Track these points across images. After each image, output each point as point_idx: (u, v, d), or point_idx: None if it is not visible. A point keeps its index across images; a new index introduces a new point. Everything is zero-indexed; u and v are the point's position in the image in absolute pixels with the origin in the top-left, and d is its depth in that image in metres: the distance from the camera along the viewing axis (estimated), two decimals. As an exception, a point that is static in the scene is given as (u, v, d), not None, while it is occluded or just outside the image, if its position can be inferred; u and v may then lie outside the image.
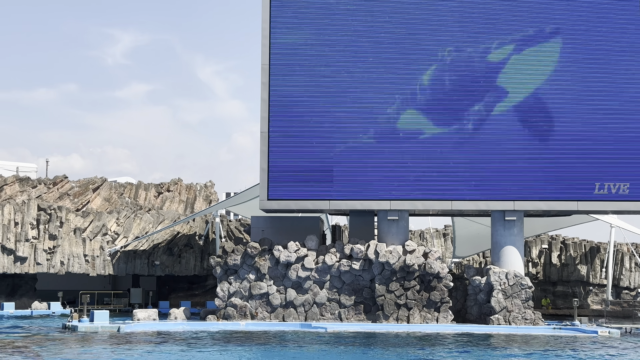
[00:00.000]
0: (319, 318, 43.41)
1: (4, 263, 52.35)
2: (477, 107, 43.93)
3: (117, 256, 56.08)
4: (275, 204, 44.27)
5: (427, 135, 43.95)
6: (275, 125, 44.29)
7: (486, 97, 44.01)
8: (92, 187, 59.18)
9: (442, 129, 43.93)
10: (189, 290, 60.50)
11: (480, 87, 44.05)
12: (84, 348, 31.24)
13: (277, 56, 44.57)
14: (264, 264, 44.00)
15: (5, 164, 67.75)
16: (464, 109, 43.99)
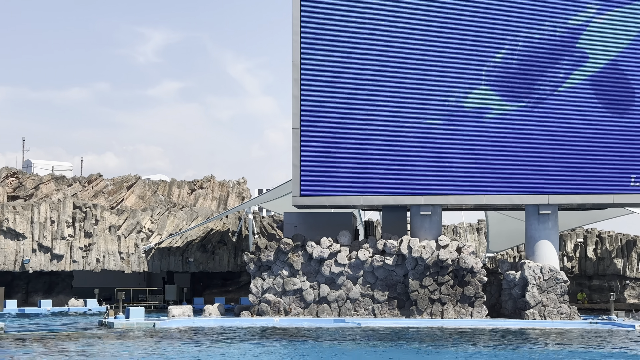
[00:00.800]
0: (353, 314, 43.42)
1: (41, 261, 53.03)
2: (517, 98, 43.57)
3: (152, 253, 56.56)
4: (308, 200, 44.34)
5: (460, 129, 43.70)
6: (306, 121, 44.33)
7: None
8: (126, 185, 59.71)
9: (477, 121, 43.66)
10: (223, 287, 60.88)
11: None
12: (122, 344, 31.55)
13: (308, 52, 44.59)
14: (297, 260, 44.10)
15: (41, 162, 68.58)
16: (500, 99, 43.69)
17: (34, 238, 52.63)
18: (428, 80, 43.95)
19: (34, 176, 58.57)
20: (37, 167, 67.02)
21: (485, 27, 43.86)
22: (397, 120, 43.99)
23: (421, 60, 44.11)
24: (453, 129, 43.75)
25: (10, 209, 52.28)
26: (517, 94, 43.48)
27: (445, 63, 43.93)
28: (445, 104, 43.79)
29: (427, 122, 43.86)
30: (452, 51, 43.99)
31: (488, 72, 43.68)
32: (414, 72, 44.08)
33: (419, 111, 43.94)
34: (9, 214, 51.99)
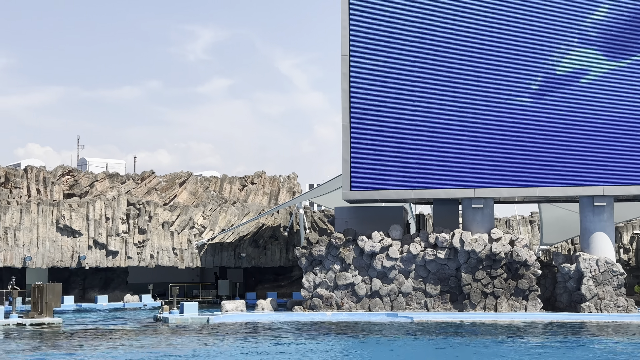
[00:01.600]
0: (405, 308, 43.30)
1: (97, 257, 53.92)
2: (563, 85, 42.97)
3: (204, 249, 57.10)
4: (359, 195, 44.31)
5: (512, 119, 43.22)
6: (356, 115, 44.27)
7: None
8: (178, 181, 60.36)
9: (527, 108, 43.14)
10: (275, 282, 61.20)
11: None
12: (178, 339, 31.94)
13: (357, 45, 44.50)
14: (349, 254, 44.11)
15: (95, 160, 69.71)
16: (542, 87, 43.11)
17: (90, 235, 53.54)
18: (482, 74, 43.53)
19: (88, 174, 59.54)
20: (92, 165, 68.13)
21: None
22: (448, 113, 43.67)
23: (477, 52, 43.68)
24: (505, 120, 43.26)
25: (66, 206, 53.26)
26: (571, 80, 42.84)
27: (504, 56, 43.47)
28: (499, 96, 43.32)
29: (472, 115, 43.46)
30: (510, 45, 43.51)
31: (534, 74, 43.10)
32: (469, 63, 43.68)
33: (472, 103, 43.55)
34: (65, 212, 52.97)
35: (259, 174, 64.24)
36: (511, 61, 43.39)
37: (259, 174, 64.24)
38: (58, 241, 52.84)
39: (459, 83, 43.70)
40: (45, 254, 52.41)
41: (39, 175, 55.99)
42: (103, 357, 26.34)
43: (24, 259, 51.55)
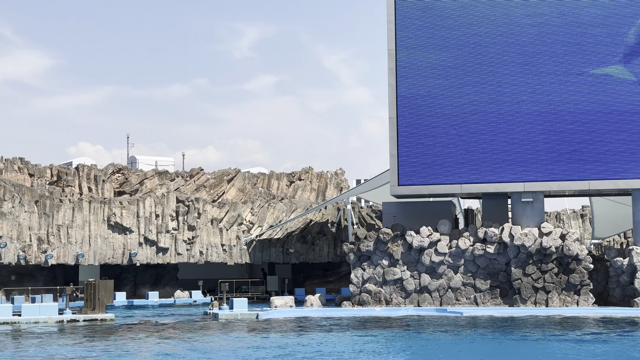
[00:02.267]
0: (455, 303, 43.05)
1: (147, 254, 54.60)
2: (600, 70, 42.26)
3: (253, 245, 57.45)
4: (406, 190, 44.15)
5: (562, 110, 42.65)
6: (403, 110, 44.10)
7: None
8: (226, 178, 60.80)
9: (577, 100, 42.54)
10: (324, 277, 61.31)
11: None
12: (230, 334, 32.20)
13: (403, 40, 44.31)
14: (397, 249, 44.00)
15: (144, 158, 70.58)
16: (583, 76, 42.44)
17: (140, 232, 54.22)
18: (532, 66, 43.03)
19: (138, 172, 60.29)
20: (141, 163, 69.01)
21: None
22: (497, 106, 43.26)
23: (525, 44, 43.18)
24: (554, 112, 42.70)
25: (117, 204, 54.03)
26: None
27: (555, 48, 42.92)
28: (549, 87, 42.79)
29: (527, 107, 42.97)
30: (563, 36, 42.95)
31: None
32: (517, 56, 43.20)
33: (521, 96, 43.07)
34: (116, 209, 53.73)
35: (306, 170, 64.40)
36: (562, 52, 42.80)
37: (307, 170, 64.39)
38: (109, 238, 53.63)
39: (508, 75, 43.23)
40: (97, 251, 53.23)
41: (90, 173, 56.86)
42: (162, 352, 26.68)
43: (77, 256, 52.43)
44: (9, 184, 52.02)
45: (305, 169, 64.52)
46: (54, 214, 52.13)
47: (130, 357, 25.31)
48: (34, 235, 51.50)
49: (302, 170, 64.44)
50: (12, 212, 50.83)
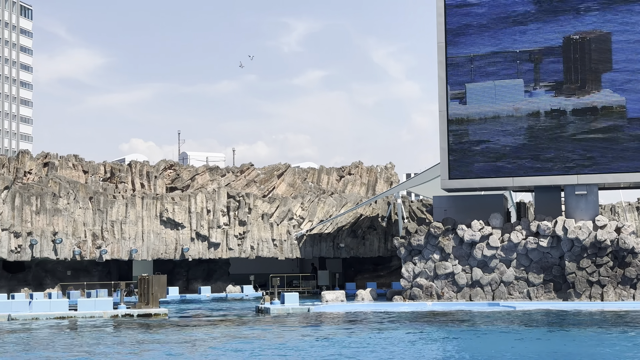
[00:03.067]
0: (507, 297, 42.64)
1: (199, 249, 55.11)
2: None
3: (303, 240, 57.60)
4: (457, 183, 43.84)
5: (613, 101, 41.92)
6: (454, 103, 43.77)
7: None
8: (276, 173, 61.04)
9: (628, 90, 41.75)
10: (374, 272, 61.21)
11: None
12: (281, 328, 32.35)
13: (453, 33, 43.95)
14: (448, 243, 43.73)
15: (195, 154, 71.29)
16: None
17: (192, 227, 54.76)
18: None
19: (189, 167, 60.86)
20: (192, 159, 69.74)
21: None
22: (548, 97, 42.68)
23: (565, 38, 42.54)
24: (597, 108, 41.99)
25: (169, 199, 54.63)
26: None
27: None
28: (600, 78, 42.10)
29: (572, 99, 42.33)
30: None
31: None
32: (560, 48, 42.57)
33: (570, 87, 42.44)
34: (168, 205, 54.32)
35: (356, 164, 64.33)
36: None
37: (356, 164, 64.32)
38: (162, 234, 54.26)
39: (555, 69, 42.59)
40: (150, 246, 53.91)
41: (143, 169, 57.58)
42: (217, 346, 26.93)
43: (130, 251, 53.17)
44: (64, 180, 52.96)
45: (355, 163, 64.45)
46: (108, 210, 52.93)
47: (188, 351, 25.59)
48: (88, 231, 52.37)
49: (351, 164, 64.38)
50: (67, 208, 51.74)
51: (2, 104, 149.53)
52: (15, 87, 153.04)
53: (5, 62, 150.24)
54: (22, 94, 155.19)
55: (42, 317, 37.57)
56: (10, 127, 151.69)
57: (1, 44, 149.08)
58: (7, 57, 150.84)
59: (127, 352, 25.49)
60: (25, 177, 53.92)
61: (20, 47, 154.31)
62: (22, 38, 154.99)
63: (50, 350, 25.90)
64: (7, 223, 49.59)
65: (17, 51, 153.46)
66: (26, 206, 50.52)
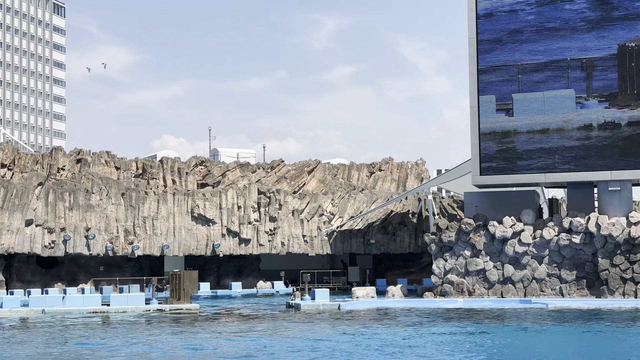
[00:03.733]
0: (539, 294, 42.32)
1: (230, 245, 55.36)
2: None
3: (334, 236, 57.62)
4: (488, 179, 43.57)
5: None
6: (485, 98, 43.49)
7: None
8: (307, 169, 61.11)
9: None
10: (405, 268, 61.09)
11: None
12: (311, 324, 32.39)
13: (484, 28, 43.65)
14: (479, 239, 43.50)
15: (226, 150, 71.60)
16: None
17: (223, 223, 55.02)
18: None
19: (220, 164, 61.13)
20: (223, 155, 70.04)
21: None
22: (579, 93, 42.24)
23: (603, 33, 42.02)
24: None
25: (200, 196, 54.93)
26: None
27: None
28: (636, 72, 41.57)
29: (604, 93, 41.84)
30: None
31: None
32: (597, 42, 42.07)
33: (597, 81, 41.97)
34: (199, 201, 54.62)
35: (386, 160, 64.21)
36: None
37: (387, 160, 64.20)
38: (193, 230, 54.58)
39: (584, 63, 42.13)
40: (182, 242, 54.25)
41: (174, 166, 57.94)
42: (249, 340, 27.05)
43: (162, 247, 53.56)
44: (97, 177, 53.47)
45: (385, 159, 64.33)
46: (140, 206, 53.35)
47: (221, 346, 25.74)
48: (120, 227, 52.82)
49: (382, 160, 64.28)
50: (99, 204, 52.24)
51: (36, 101, 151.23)
52: (49, 84, 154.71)
53: (39, 60, 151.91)
54: (55, 91, 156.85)
55: (75, 312, 37.97)
56: (44, 124, 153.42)
57: (34, 42, 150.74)
58: (41, 55, 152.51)
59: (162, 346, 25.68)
60: (59, 174, 54.52)
61: (54, 44, 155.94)
62: (55, 35, 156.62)
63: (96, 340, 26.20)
64: (41, 219, 50.18)
65: (50, 49, 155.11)
66: (59, 202, 51.06)
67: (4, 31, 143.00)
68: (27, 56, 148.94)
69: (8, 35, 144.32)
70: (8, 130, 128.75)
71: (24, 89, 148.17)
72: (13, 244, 49.11)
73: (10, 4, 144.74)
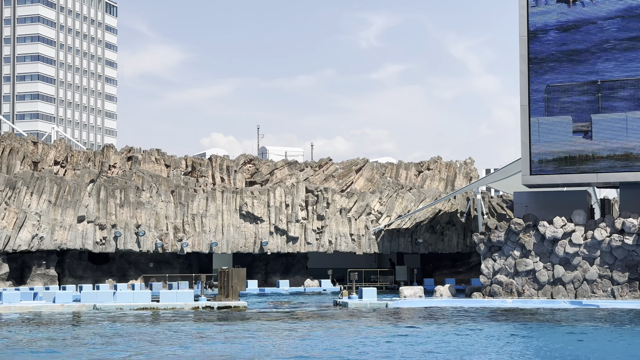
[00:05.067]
0: (590, 295, 41.69)
1: (278, 243, 55.61)
2: None
3: (381, 235, 57.51)
4: (539, 179, 43.05)
5: None
6: (535, 97, 42.98)
7: None
8: (355, 168, 61.08)
9: None
10: (453, 268, 60.71)
11: None
12: (359, 323, 32.38)
13: (536, 26, 43.13)
14: (529, 240, 43.01)
15: (274, 149, 71.94)
16: None
17: (271, 221, 55.29)
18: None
19: (268, 162, 61.44)
20: (271, 153, 70.37)
21: None
22: (635, 89, 41.48)
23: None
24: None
25: (248, 194, 55.27)
26: None
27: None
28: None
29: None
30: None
31: None
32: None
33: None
34: (248, 199, 54.97)
35: (434, 159, 63.87)
36: None
37: (435, 159, 63.85)
38: (241, 227, 54.95)
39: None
40: (230, 240, 54.66)
41: (223, 164, 58.39)
42: (298, 337, 27.15)
43: (211, 244, 54.02)
44: (147, 174, 54.15)
45: (433, 158, 63.99)
46: (189, 204, 53.88)
47: (271, 342, 25.87)
48: (170, 224, 53.42)
49: (430, 159, 63.94)
50: (149, 201, 52.89)
51: (88, 99, 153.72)
52: (101, 82, 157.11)
53: (91, 58, 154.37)
54: (107, 90, 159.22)
55: (125, 308, 38.52)
56: (96, 121, 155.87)
57: (87, 41, 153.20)
58: (93, 54, 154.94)
59: (214, 341, 25.91)
60: (110, 171, 55.35)
61: (106, 43, 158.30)
62: (108, 35, 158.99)
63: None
64: (92, 215, 50.99)
65: (103, 48, 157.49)
66: (111, 199, 51.84)
67: (57, 30, 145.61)
68: (80, 55, 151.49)
69: (62, 34, 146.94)
70: (61, 128, 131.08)
71: (76, 87, 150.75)
72: (66, 240, 50.00)
73: (64, 3, 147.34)
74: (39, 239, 48.92)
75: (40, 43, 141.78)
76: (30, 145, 53.17)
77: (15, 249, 48.12)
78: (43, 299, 39.95)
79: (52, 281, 50.35)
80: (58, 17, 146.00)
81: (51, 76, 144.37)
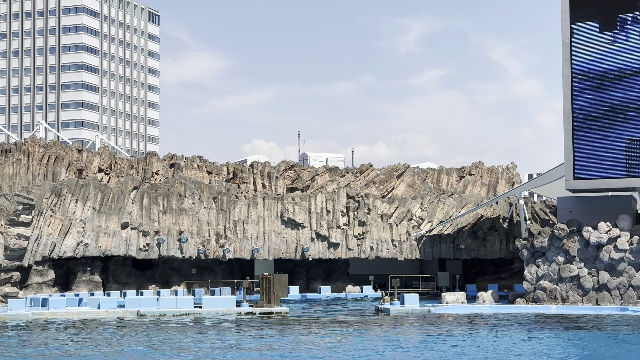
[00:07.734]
0: (637, 302, 41.04)
1: (319, 249, 55.64)
2: None
3: (423, 240, 57.23)
4: (582, 184, 42.52)
5: None
6: (579, 101, 42.48)
7: None
8: (395, 174, 60.90)
9: None
10: (495, 274, 60.16)
11: None
12: (405, 329, 32.28)
13: (579, 29, 42.64)
14: (573, 245, 42.49)
15: (315, 155, 72.06)
16: None
17: (312, 227, 55.34)
18: None
19: (309, 168, 61.54)
20: (312, 160, 70.50)
21: None
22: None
23: None
24: None
25: (289, 200, 55.40)
26: None
27: None
28: None
29: None
30: None
31: None
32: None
33: None
34: (289, 205, 55.10)
35: (476, 164, 63.43)
36: None
37: (477, 164, 63.41)
38: (283, 233, 55.09)
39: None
40: (271, 246, 54.83)
41: (264, 170, 58.63)
42: (343, 344, 27.15)
43: (252, 250, 54.25)
44: (189, 181, 54.60)
45: (475, 163, 63.55)
46: (231, 210, 54.19)
47: (316, 347, 25.90)
48: (212, 230, 53.77)
49: (472, 165, 63.51)
50: (192, 208, 53.31)
51: (131, 107, 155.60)
52: (144, 90, 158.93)
53: (134, 67, 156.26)
54: (150, 97, 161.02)
55: (168, 314, 38.84)
56: (139, 129, 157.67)
57: (130, 49, 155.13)
58: (136, 62, 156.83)
59: (258, 347, 26.02)
60: (153, 178, 55.92)
61: (148, 51, 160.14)
62: (150, 43, 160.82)
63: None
64: (136, 222, 51.55)
65: (145, 56, 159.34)
66: (154, 206, 52.36)
67: (100, 39, 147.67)
68: (123, 63, 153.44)
69: (105, 43, 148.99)
70: (105, 136, 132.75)
71: (120, 95, 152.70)
72: (110, 247, 50.60)
73: (107, 12, 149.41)
74: (83, 245, 49.58)
75: (84, 52, 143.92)
76: (75, 153, 53.94)
77: (61, 255, 48.81)
78: (88, 305, 40.47)
79: (97, 287, 50.98)
80: (102, 26, 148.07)
81: (95, 85, 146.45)
